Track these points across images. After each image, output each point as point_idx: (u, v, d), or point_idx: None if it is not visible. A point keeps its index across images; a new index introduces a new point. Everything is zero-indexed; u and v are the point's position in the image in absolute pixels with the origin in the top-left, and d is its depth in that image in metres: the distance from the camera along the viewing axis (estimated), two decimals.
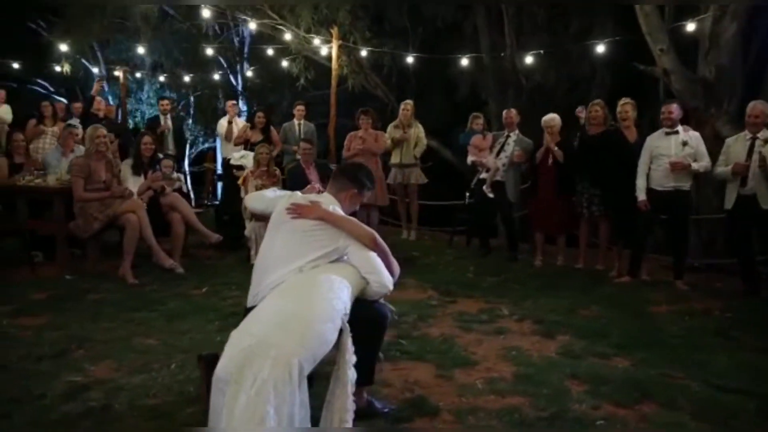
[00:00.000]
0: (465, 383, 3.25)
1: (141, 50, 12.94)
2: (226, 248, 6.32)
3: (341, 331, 2.49)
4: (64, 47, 10.97)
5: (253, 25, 10.75)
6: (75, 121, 7.54)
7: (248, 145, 7.95)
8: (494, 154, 6.46)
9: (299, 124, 8.48)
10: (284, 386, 2.17)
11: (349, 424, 2.42)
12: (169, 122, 8.52)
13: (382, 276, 2.73)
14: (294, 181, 6.52)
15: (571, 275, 5.76)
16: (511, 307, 4.69)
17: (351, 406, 2.45)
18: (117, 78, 12.58)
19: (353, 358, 2.52)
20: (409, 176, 7.39)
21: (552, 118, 6.01)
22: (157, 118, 8.66)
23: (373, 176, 3.27)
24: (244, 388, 2.15)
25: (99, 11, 10.98)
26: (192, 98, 15.15)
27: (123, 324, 4.15)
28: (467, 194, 6.96)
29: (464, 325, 4.23)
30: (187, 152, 13.74)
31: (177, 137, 8.60)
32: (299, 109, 8.53)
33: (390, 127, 7.55)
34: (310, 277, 2.64)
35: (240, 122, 8.55)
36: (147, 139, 5.88)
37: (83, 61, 14.06)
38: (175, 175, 5.94)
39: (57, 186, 5.39)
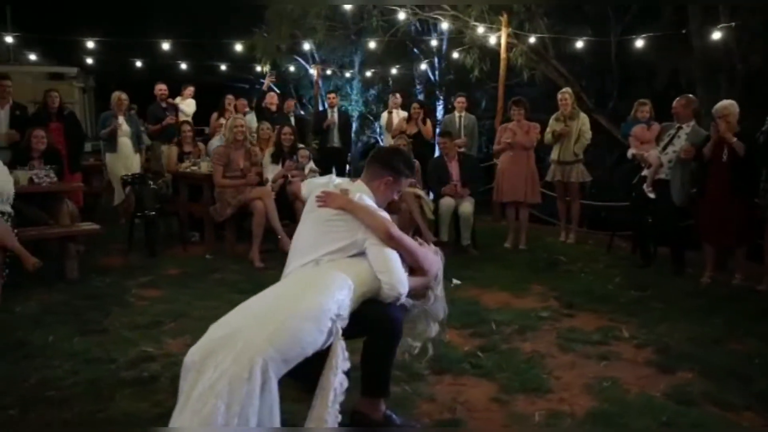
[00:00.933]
0: (521, 413, 2.74)
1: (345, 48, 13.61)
2: None
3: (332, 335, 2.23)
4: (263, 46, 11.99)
5: (445, 24, 10.65)
6: (251, 116, 8.19)
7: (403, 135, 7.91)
8: (660, 147, 5.46)
9: (460, 117, 8.17)
10: (240, 384, 1.98)
11: None
12: (335, 116, 8.84)
13: (392, 276, 2.40)
14: (434, 174, 6.32)
15: (745, 298, 4.60)
16: (637, 329, 3.87)
17: (332, 419, 2.18)
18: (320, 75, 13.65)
19: (345, 365, 2.24)
20: (569, 173, 6.63)
21: (726, 106, 4.86)
22: (325, 112, 9.05)
23: (412, 162, 2.91)
24: (202, 378, 2.02)
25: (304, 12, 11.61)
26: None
27: (224, 304, 4.26)
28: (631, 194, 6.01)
29: (565, 344, 3.60)
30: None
31: (342, 131, 8.87)
32: (460, 101, 8.22)
33: (551, 120, 6.86)
34: (317, 272, 2.43)
35: (400, 114, 8.52)
36: (286, 129, 6.13)
37: (299, 59, 15.30)
38: (309, 166, 6.10)
39: (206, 173, 5.89)
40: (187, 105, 8.57)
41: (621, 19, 11.62)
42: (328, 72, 14.95)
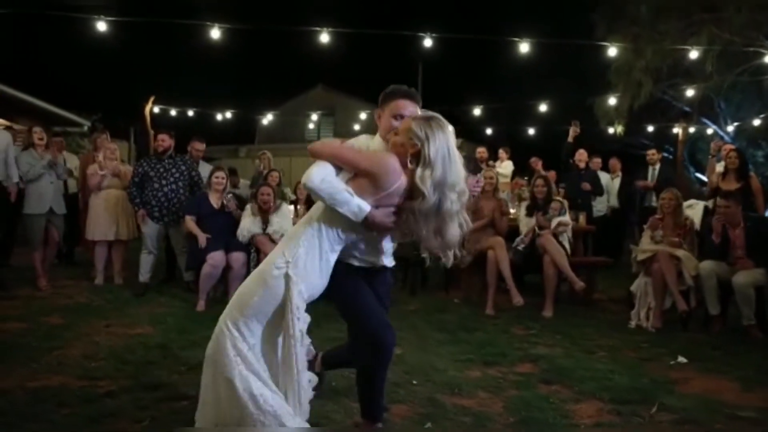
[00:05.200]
0: None
1: None
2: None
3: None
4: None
5: None
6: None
7: (717, 193, 6.73)
8: None
9: None
10: (212, 353, 2.45)
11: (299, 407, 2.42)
12: (655, 172, 8.07)
13: (305, 176, 2.40)
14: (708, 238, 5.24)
15: None
16: None
17: (301, 358, 2.43)
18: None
19: (302, 325, 2.42)
20: None
21: None
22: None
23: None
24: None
25: None
26: None
27: (412, 336, 4.70)
28: None
29: None
30: None
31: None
32: None
33: None
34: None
35: (719, 166, 7.20)
36: (539, 182, 6.09)
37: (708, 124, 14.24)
38: (558, 219, 5.86)
39: None
40: (504, 167, 9.18)
41: None
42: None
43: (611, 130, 12.67)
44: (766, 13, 7.78)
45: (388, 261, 2.73)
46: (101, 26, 7.49)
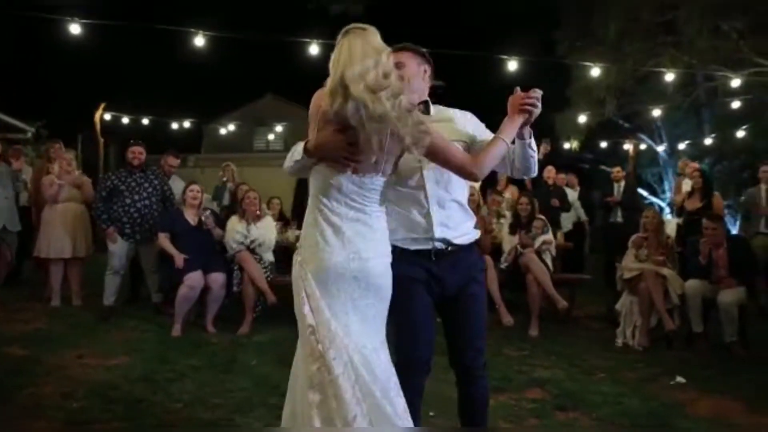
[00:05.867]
0: None
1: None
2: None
3: None
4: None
5: None
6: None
7: (683, 212, 6.95)
8: None
9: (767, 189, 6.78)
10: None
11: None
12: (620, 189, 8.26)
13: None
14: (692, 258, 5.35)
15: None
16: None
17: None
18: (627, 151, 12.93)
19: (319, 318, 2.03)
20: None
21: None
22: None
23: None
24: None
25: None
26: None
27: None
28: None
29: None
30: None
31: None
32: (764, 171, 6.82)
33: None
34: None
35: (686, 185, 7.46)
36: (523, 200, 6.09)
37: (643, 137, 14.74)
38: (542, 237, 5.87)
39: None
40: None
41: None
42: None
43: (567, 146, 13.00)
44: (724, 40, 8.21)
45: (456, 234, 2.26)
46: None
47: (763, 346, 5.09)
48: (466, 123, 2.38)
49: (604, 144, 14.11)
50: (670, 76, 7.67)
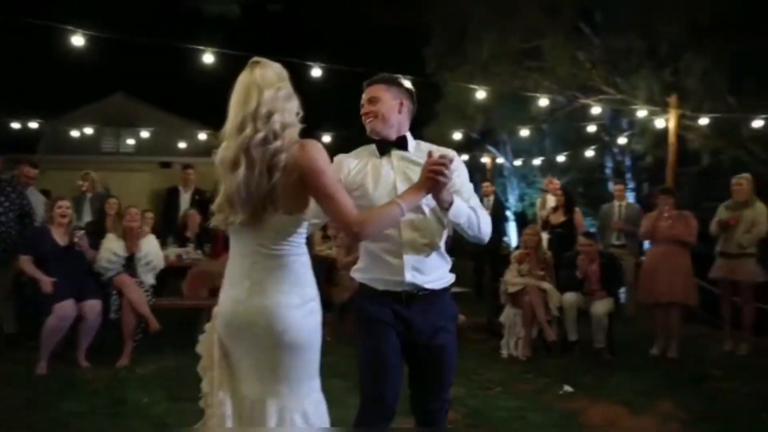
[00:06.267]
0: None
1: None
2: None
3: None
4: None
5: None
6: None
7: (548, 226, 7.50)
8: None
9: (620, 206, 7.55)
10: None
11: None
12: (489, 204, 8.75)
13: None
14: (567, 273, 5.80)
15: None
16: None
17: None
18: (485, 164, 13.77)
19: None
20: (736, 270, 5.68)
21: None
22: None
23: None
24: None
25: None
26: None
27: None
28: None
29: None
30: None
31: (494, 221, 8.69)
32: (618, 189, 7.63)
33: (720, 207, 6.01)
34: None
35: (551, 201, 8.11)
36: None
37: (492, 149, 15.57)
38: None
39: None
40: None
41: None
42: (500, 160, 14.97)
43: None
44: (581, 68, 9.10)
45: (428, 279, 2.19)
46: None
47: (624, 350, 5.66)
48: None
49: (465, 157, 14.90)
50: (544, 100, 8.30)
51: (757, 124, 8.38)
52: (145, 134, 13.45)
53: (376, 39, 12.60)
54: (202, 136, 12.77)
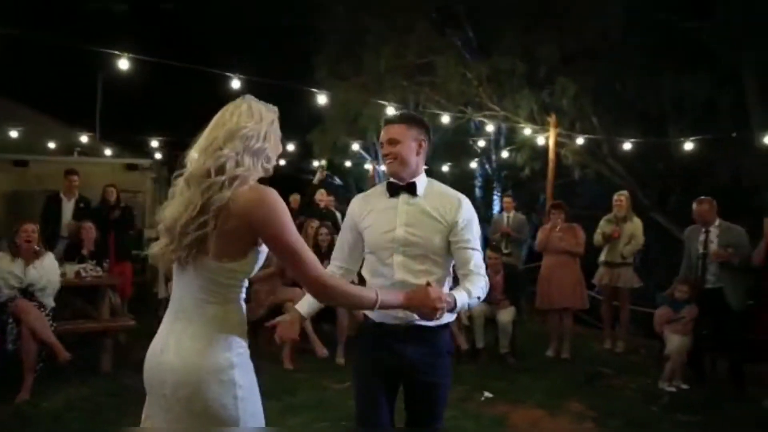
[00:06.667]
0: None
1: None
2: None
3: None
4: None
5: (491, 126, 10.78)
6: None
7: None
8: (697, 255, 5.26)
9: (508, 217, 8.08)
10: None
11: None
12: None
13: None
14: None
15: None
16: None
17: None
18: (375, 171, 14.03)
19: None
20: (617, 277, 6.39)
21: None
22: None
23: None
24: None
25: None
26: None
27: None
28: None
29: None
30: None
31: None
32: (507, 201, 8.18)
33: (602, 221, 6.69)
34: None
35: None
36: (323, 230, 6.22)
37: (364, 154, 15.72)
38: None
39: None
40: None
41: (679, 118, 11.54)
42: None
43: (315, 164, 13.54)
44: (469, 85, 9.64)
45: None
46: None
47: (523, 353, 6.12)
48: (455, 210, 2.24)
49: (348, 164, 15.12)
50: (444, 117, 8.68)
51: (620, 144, 9.47)
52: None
53: (265, 40, 12.34)
54: (72, 136, 11.79)
